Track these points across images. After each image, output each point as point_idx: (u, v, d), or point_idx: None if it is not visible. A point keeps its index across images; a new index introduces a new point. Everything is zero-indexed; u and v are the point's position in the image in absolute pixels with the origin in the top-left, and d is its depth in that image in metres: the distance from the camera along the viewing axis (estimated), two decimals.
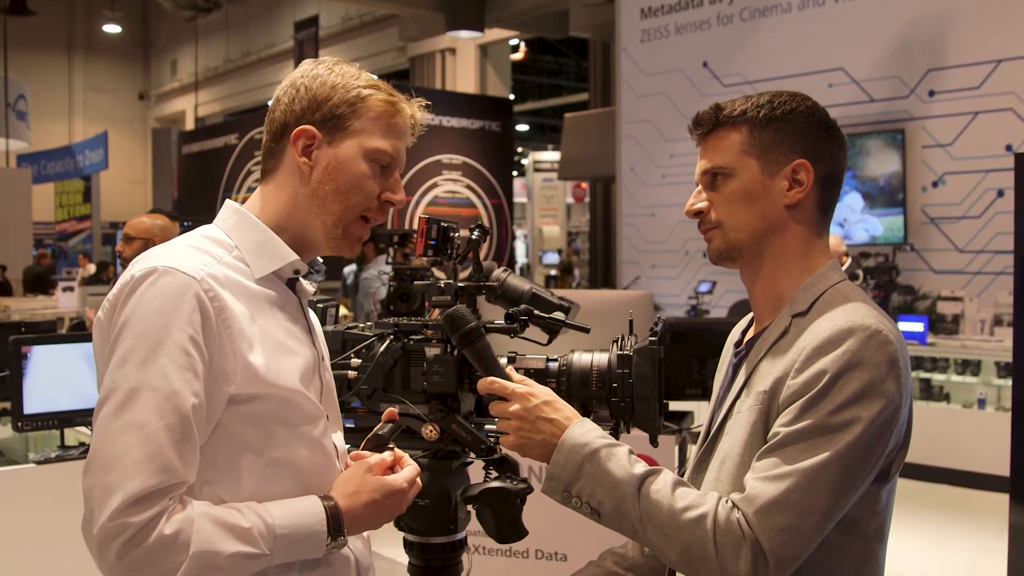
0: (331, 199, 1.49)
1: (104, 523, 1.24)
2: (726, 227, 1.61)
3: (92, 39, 26.99)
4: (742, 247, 1.61)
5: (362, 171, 1.50)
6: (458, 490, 1.73)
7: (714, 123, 1.62)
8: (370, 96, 1.51)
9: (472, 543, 1.90)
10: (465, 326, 1.60)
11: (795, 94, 1.62)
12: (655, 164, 10.65)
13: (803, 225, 1.60)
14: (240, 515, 1.33)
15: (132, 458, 1.26)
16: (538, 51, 22.29)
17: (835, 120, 1.64)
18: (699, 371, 3.28)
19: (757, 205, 1.59)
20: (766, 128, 1.58)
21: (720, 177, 1.60)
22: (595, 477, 1.48)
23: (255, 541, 1.33)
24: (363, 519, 1.47)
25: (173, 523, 1.27)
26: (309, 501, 1.42)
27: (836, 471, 1.39)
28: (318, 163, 1.49)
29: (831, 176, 1.62)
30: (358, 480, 1.47)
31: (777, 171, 1.58)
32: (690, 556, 1.41)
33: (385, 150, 1.51)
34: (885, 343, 1.43)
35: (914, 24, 8.38)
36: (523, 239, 21.07)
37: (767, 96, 1.61)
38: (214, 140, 16.01)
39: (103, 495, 1.26)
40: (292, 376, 1.44)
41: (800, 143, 1.58)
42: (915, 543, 5.64)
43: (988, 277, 7.86)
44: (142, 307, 1.33)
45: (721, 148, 1.61)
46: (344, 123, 1.49)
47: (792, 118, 1.58)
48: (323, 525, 1.40)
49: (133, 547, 1.24)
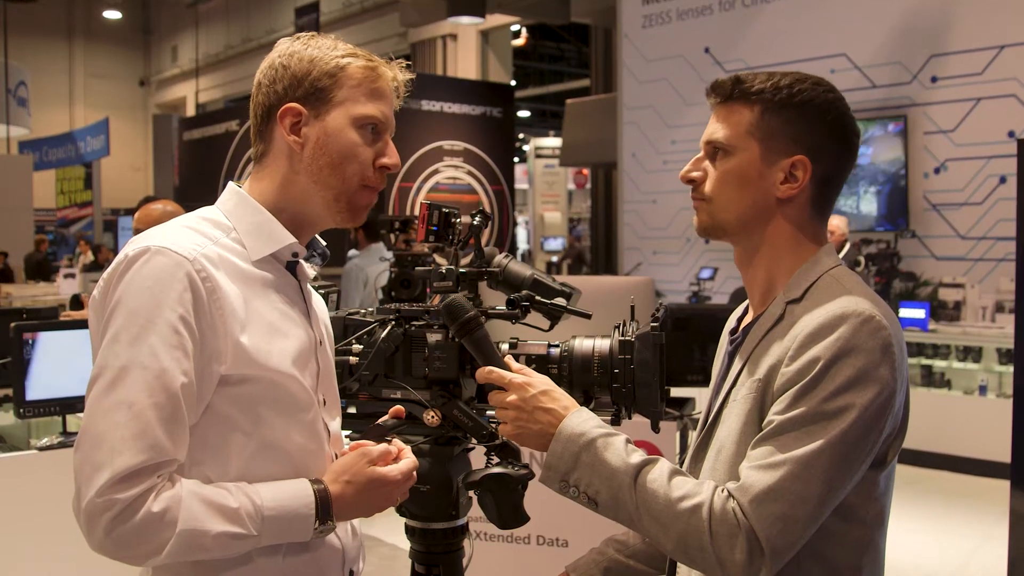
0: (327, 173, 1.49)
1: (92, 499, 1.25)
2: (714, 204, 1.59)
3: (92, 25, 26.92)
4: (727, 227, 1.59)
5: (353, 140, 1.49)
6: (460, 476, 1.73)
7: (729, 94, 1.58)
8: (349, 64, 1.50)
9: (474, 529, 1.90)
10: (463, 315, 1.59)
11: (819, 83, 1.57)
12: (656, 150, 10.63)
13: (792, 219, 1.57)
14: (229, 495, 1.34)
15: (120, 435, 1.27)
16: (539, 37, 22.22)
17: (853, 119, 1.58)
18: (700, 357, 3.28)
19: (748, 190, 1.56)
20: (777, 114, 1.54)
21: (720, 151, 1.58)
22: (592, 467, 1.48)
23: (243, 522, 1.33)
24: (352, 506, 1.46)
25: (161, 501, 1.27)
26: (299, 484, 1.42)
27: (830, 458, 1.39)
28: (308, 139, 1.48)
29: (832, 176, 1.58)
30: (354, 468, 1.47)
31: (776, 161, 1.55)
32: (686, 545, 1.41)
33: (372, 115, 1.50)
34: (879, 329, 1.43)
35: (916, 10, 8.35)
36: (524, 225, 21.06)
37: (789, 79, 1.56)
38: (215, 126, 15.96)
39: (91, 472, 1.27)
40: (284, 359, 1.44)
41: (806, 137, 1.54)
42: (916, 529, 5.66)
43: (990, 264, 7.85)
44: (134, 286, 1.34)
45: (729, 122, 1.57)
46: (328, 95, 1.49)
47: (806, 109, 1.54)
48: (311, 509, 1.40)
49: (120, 523, 1.25)
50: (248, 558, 1.40)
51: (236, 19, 23.46)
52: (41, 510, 3.18)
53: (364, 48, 1.56)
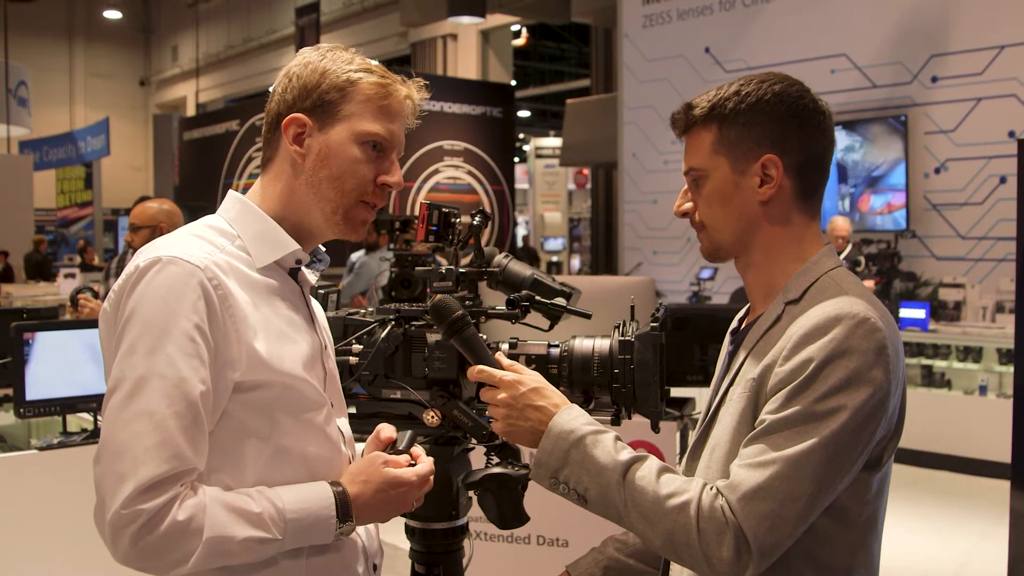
0: (326, 186, 1.49)
1: (117, 511, 1.25)
2: (709, 229, 1.61)
3: (93, 25, 26.91)
4: (727, 246, 1.61)
5: (354, 156, 1.49)
6: (460, 476, 1.73)
7: (686, 124, 1.61)
8: (361, 80, 1.50)
9: (474, 529, 1.90)
10: (450, 315, 1.59)
11: (764, 78, 1.58)
12: (657, 150, 10.63)
13: (781, 217, 1.57)
14: (251, 500, 1.35)
15: (143, 446, 1.27)
16: (540, 37, 22.22)
17: (813, 99, 1.58)
18: (700, 357, 3.28)
19: (732, 205, 1.57)
20: (733, 124, 1.56)
21: (699, 178, 1.60)
22: (581, 464, 1.49)
23: (267, 526, 1.34)
24: (372, 508, 1.47)
25: (186, 509, 1.28)
26: (318, 487, 1.43)
27: (821, 459, 1.39)
28: (310, 151, 1.49)
29: (808, 162, 1.57)
30: (370, 470, 1.48)
31: (747, 168, 1.56)
32: (674, 542, 1.41)
33: (377, 132, 1.50)
34: (873, 331, 1.43)
35: (917, 9, 8.35)
36: (524, 225, 21.05)
37: (734, 87, 1.58)
38: (215, 126, 15.97)
39: (115, 483, 1.27)
40: (296, 364, 1.45)
41: (767, 135, 1.55)
42: (916, 529, 5.66)
43: (990, 264, 7.85)
44: (147, 297, 1.34)
45: (695, 148, 1.60)
46: (334, 108, 1.49)
47: (757, 109, 1.55)
48: (332, 511, 1.41)
49: (146, 533, 1.25)
50: (272, 560, 1.41)
51: (236, 19, 23.45)
52: (41, 510, 3.18)
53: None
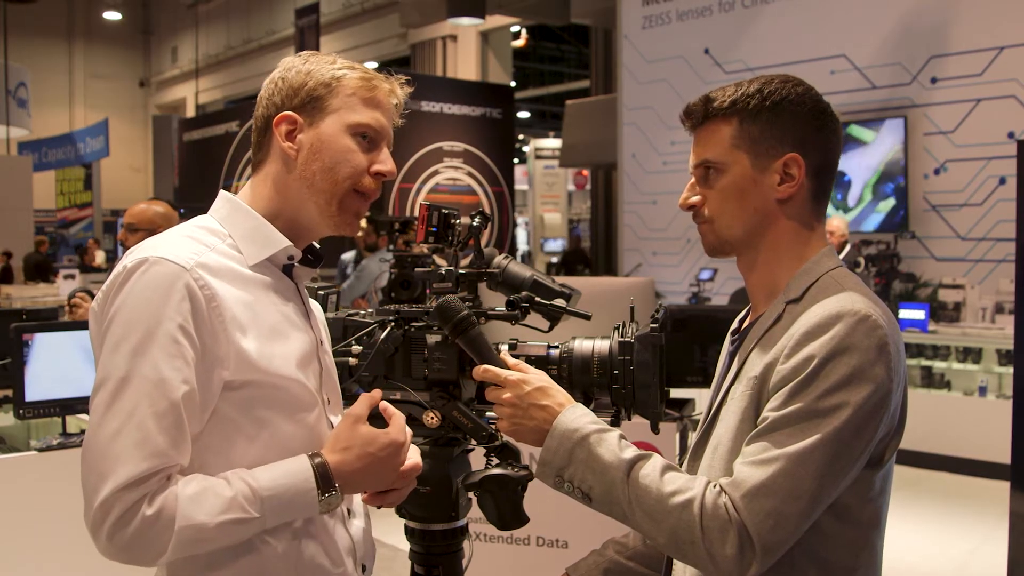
0: (319, 177, 1.51)
1: (96, 508, 1.29)
2: (718, 223, 1.60)
3: (92, 26, 26.92)
4: (735, 242, 1.61)
5: (346, 145, 1.52)
6: (459, 477, 1.73)
7: (704, 115, 1.61)
8: (345, 75, 1.53)
9: (473, 530, 1.90)
10: (455, 315, 1.60)
11: (786, 79, 1.60)
12: (656, 151, 10.63)
13: (796, 217, 1.59)
14: (226, 484, 1.36)
15: (123, 445, 1.30)
16: (539, 38, 22.22)
17: (828, 104, 1.61)
18: (700, 358, 3.27)
19: (748, 200, 1.58)
20: (756, 120, 1.56)
21: (712, 171, 1.59)
22: (586, 462, 1.49)
23: (241, 507, 1.35)
24: (359, 473, 1.47)
25: (155, 503, 1.30)
26: (296, 460, 1.43)
27: (823, 456, 1.39)
28: (303, 146, 1.51)
29: (824, 165, 1.60)
30: (347, 435, 1.48)
31: (768, 165, 1.56)
32: (678, 540, 1.42)
33: (366, 122, 1.53)
34: (874, 328, 1.43)
35: (916, 10, 8.35)
36: (524, 226, 21.05)
37: (757, 84, 1.58)
38: (215, 127, 15.98)
39: (96, 482, 1.30)
40: (287, 362, 1.46)
41: (790, 135, 1.56)
42: (916, 530, 5.66)
43: (989, 264, 7.85)
44: (132, 297, 1.36)
45: (712, 141, 1.59)
46: (323, 103, 1.52)
47: (782, 108, 1.56)
48: (311, 482, 1.41)
49: (120, 529, 1.28)
50: (256, 548, 1.42)
51: (236, 20, 23.45)
52: (40, 511, 3.18)
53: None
